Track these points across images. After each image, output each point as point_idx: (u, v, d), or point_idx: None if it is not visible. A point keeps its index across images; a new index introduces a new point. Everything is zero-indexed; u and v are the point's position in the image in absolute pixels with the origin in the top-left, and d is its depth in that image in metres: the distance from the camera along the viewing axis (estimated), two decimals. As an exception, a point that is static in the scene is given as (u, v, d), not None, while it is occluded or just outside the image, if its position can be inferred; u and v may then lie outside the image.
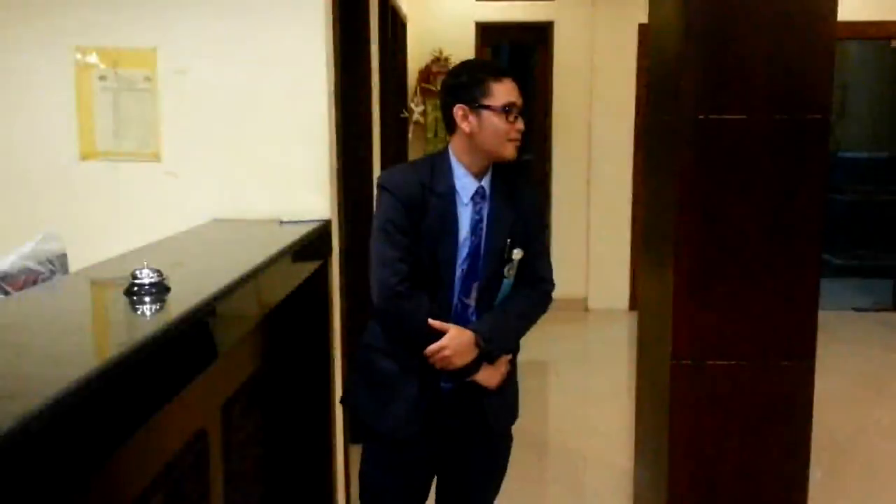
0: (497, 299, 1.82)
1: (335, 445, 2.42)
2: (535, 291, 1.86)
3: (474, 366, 1.78)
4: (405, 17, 5.41)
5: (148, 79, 2.31)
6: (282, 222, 2.22)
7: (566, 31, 5.77)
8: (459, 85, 1.78)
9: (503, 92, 1.75)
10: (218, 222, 2.28)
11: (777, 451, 2.26)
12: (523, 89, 1.82)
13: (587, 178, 5.83)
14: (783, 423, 2.24)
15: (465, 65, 1.86)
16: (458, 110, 1.76)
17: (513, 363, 1.88)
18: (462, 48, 5.73)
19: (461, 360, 1.75)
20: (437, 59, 5.69)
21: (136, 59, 2.30)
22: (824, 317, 2.34)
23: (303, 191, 2.31)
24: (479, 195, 1.79)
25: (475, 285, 1.79)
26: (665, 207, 2.30)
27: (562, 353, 5.14)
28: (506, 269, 1.79)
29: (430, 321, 1.72)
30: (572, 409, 4.17)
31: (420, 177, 1.76)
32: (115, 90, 2.32)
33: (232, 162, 2.33)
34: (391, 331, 1.79)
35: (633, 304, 5.61)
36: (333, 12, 2.40)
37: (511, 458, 1.96)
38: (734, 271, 2.19)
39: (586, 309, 5.88)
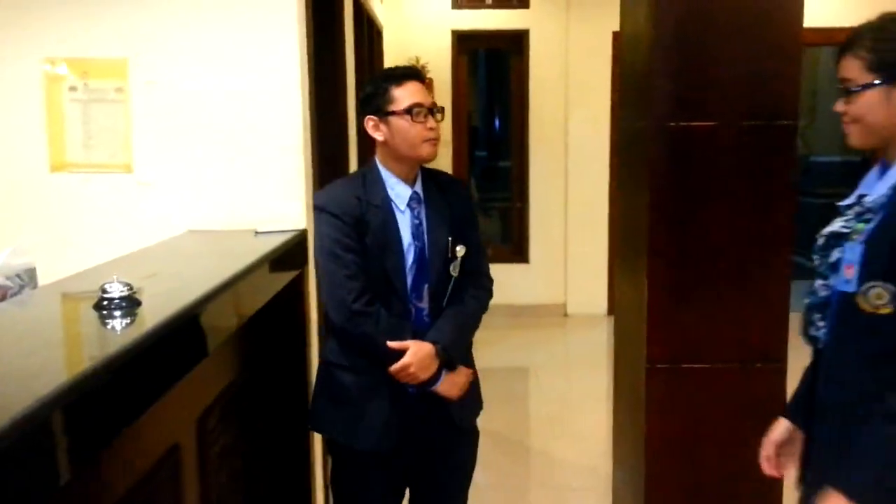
0: (446, 297, 1.86)
1: (314, 457, 2.40)
2: (478, 290, 1.91)
3: (436, 375, 1.81)
4: (381, 25, 5.42)
5: (119, 90, 2.29)
6: (257, 232, 2.21)
7: (541, 40, 5.82)
8: (366, 98, 1.85)
9: (406, 95, 1.80)
10: (192, 233, 2.26)
11: (753, 452, 2.28)
12: (500, 97, 1.86)
13: (564, 184, 5.87)
14: (758, 424, 2.26)
15: (371, 77, 1.94)
16: (368, 122, 1.83)
17: (470, 356, 1.92)
18: (439, 56, 5.75)
19: (426, 374, 1.78)
20: (413, 68, 5.71)
21: (106, 69, 2.28)
22: (796, 319, 2.36)
23: (278, 200, 2.30)
24: (414, 200, 1.83)
25: (426, 287, 1.82)
26: (639, 214, 2.32)
27: (542, 358, 5.17)
28: (451, 267, 1.84)
29: (389, 343, 1.75)
30: (552, 413, 4.19)
31: (355, 191, 1.80)
32: (84, 101, 2.30)
33: (205, 173, 2.31)
34: (353, 346, 1.81)
35: (612, 308, 5.65)
36: (307, 21, 2.40)
37: (492, 462, 1.99)
38: (707, 276, 2.22)
39: (565, 314, 5.91)
